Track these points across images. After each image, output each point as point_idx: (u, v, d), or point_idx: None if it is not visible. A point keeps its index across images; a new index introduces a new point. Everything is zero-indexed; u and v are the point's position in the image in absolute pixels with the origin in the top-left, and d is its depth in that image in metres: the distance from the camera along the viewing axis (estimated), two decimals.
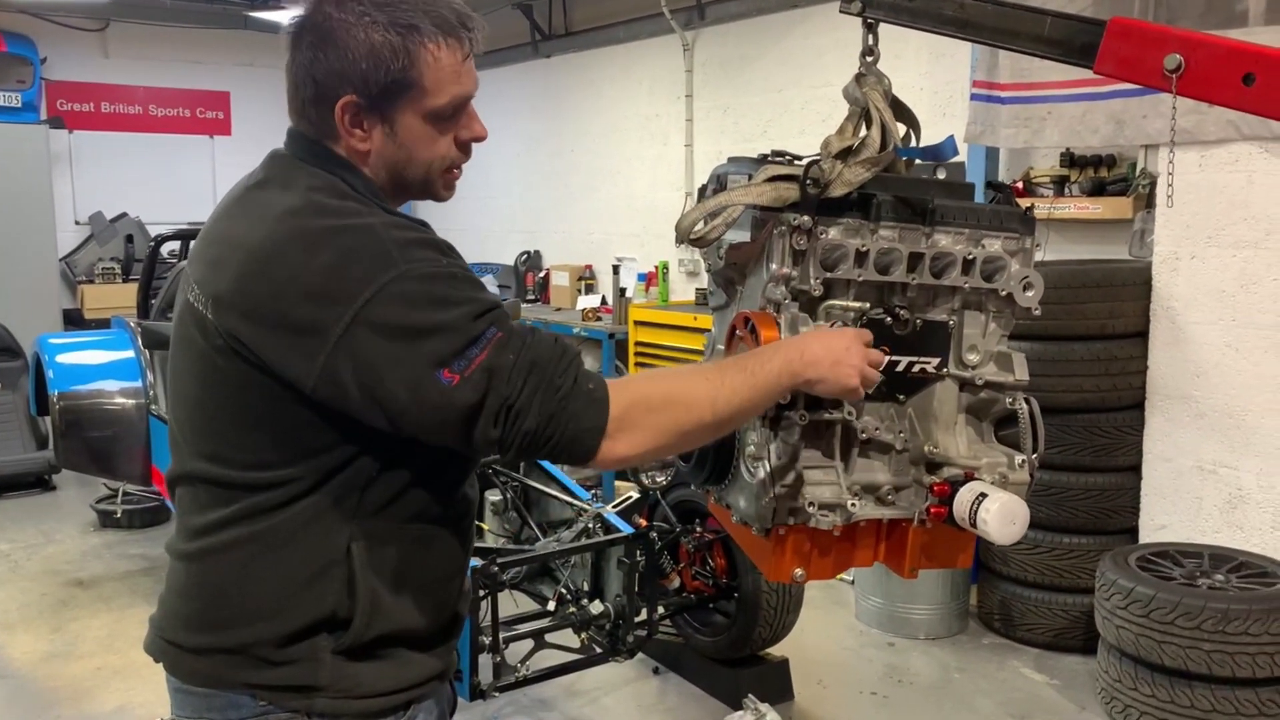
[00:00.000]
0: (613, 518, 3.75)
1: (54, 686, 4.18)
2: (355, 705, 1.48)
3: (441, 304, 1.35)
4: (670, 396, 1.43)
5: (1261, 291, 3.97)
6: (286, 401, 1.40)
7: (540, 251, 8.70)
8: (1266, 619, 3.38)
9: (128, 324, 5.48)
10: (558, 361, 1.37)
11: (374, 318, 1.32)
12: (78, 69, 9.12)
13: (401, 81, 1.44)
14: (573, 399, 1.36)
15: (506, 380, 1.33)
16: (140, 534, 6.02)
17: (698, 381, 1.45)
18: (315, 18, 1.45)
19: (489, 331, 1.35)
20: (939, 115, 5.29)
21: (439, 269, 1.38)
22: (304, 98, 1.48)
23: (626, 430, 1.38)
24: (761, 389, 1.48)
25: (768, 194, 1.66)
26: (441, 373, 1.32)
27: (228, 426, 1.47)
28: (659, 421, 1.41)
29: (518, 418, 1.34)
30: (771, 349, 1.54)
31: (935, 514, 1.70)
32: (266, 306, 1.37)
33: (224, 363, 1.42)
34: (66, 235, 8.90)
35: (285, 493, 1.44)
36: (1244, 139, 3.95)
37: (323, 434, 1.42)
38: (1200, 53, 1.61)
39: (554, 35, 8.18)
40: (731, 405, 1.45)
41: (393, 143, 1.48)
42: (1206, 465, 4.15)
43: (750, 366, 1.48)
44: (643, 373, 1.50)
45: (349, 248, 1.36)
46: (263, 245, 1.39)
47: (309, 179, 1.46)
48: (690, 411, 1.42)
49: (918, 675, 4.25)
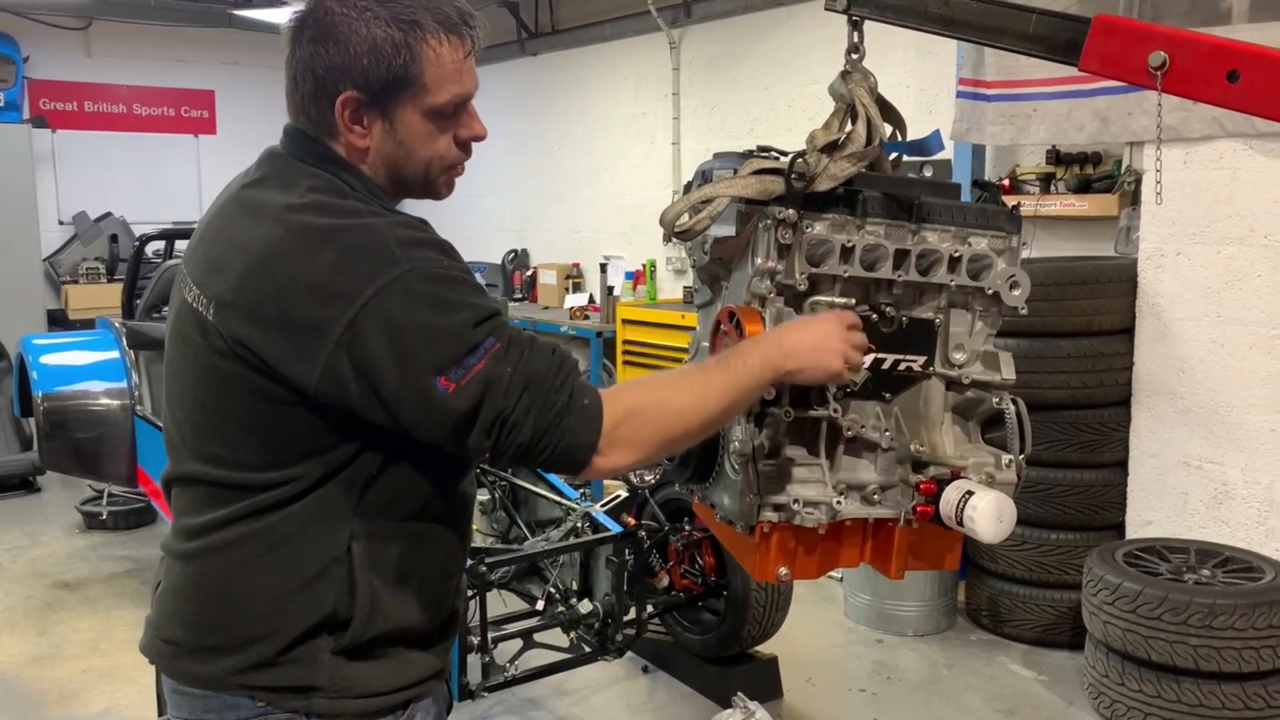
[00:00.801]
0: (601, 517, 3.75)
1: (40, 689, 4.15)
2: (354, 705, 1.48)
3: (443, 307, 1.34)
4: (660, 407, 1.44)
5: (1246, 288, 3.99)
6: (288, 405, 1.39)
7: (527, 250, 8.68)
8: (1252, 614, 3.39)
9: (112, 324, 5.45)
10: (555, 375, 1.38)
11: (375, 316, 1.32)
12: (61, 68, 9.06)
13: (403, 77, 1.43)
14: (568, 415, 1.37)
15: (503, 393, 1.34)
16: (126, 535, 5.98)
17: (684, 387, 1.46)
18: (317, 12, 1.44)
19: (488, 341, 1.35)
20: (925, 113, 5.30)
21: (441, 270, 1.38)
22: (303, 93, 1.47)
23: (618, 444, 1.40)
24: (744, 387, 1.49)
25: (753, 186, 1.66)
26: (438, 380, 1.32)
27: (229, 428, 1.46)
28: (649, 434, 1.42)
29: (512, 431, 1.35)
30: (750, 344, 1.54)
31: (922, 513, 1.70)
32: (269, 306, 1.36)
33: (225, 365, 1.41)
34: (50, 235, 8.84)
35: (285, 492, 1.43)
36: (1228, 136, 3.97)
37: (324, 435, 1.41)
38: (1185, 50, 1.61)
39: (541, 33, 8.17)
40: (719, 407, 1.46)
41: (392, 140, 1.47)
42: (1192, 461, 4.17)
43: (732, 365, 1.49)
44: (632, 382, 1.50)
45: (352, 246, 1.35)
46: (265, 244, 1.39)
47: (309, 178, 1.45)
48: (680, 419, 1.44)
49: (906, 672, 4.25)
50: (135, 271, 5.96)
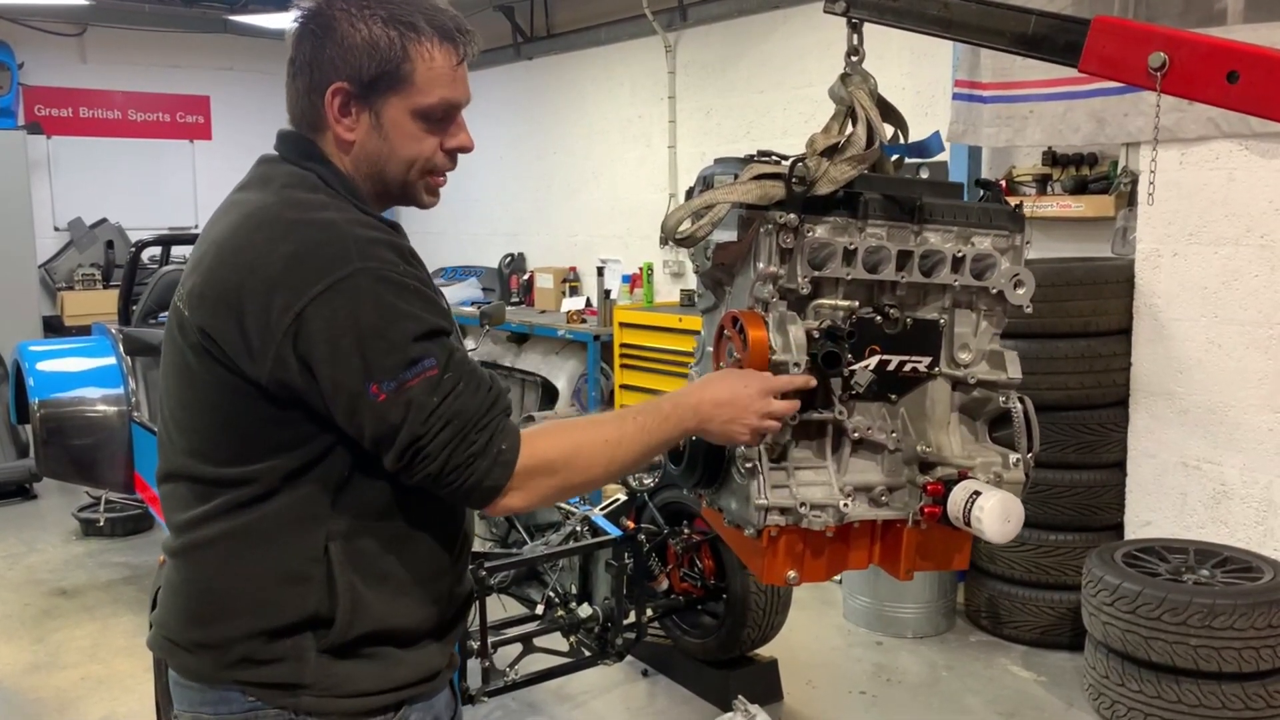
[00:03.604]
0: (600, 520, 3.75)
1: (38, 698, 4.14)
2: (342, 704, 1.49)
3: (388, 312, 1.38)
4: (570, 462, 1.49)
5: (1242, 288, 4.00)
6: (250, 398, 1.42)
7: (524, 254, 8.67)
8: (1252, 613, 3.40)
9: (109, 331, 5.44)
10: (481, 416, 1.42)
11: (321, 311, 1.36)
12: (56, 74, 9.04)
13: (394, 74, 1.48)
14: (482, 458, 1.41)
15: (423, 421, 1.38)
16: (123, 542, 5.97)
17: (598, 441, 1.51)
18: (320, 8, 1.50)
19: (425, 361, 1.39)
20: (922, 115, 5.30)
21: (394, 275, 1.40)
22: (299, 87, 1.52)
23: (521, 489, 1.45)
24: (653, 445, 1.56)
25: (753, 192, 1.66)
26: (370, 386, 1.37)
27: (202, 422, 1.49)
28: (553, 483, 1.48)
29: (425, 460, 1.40)
30: (671, 401, 1.59)
31: (929, 514, 1.70)
32: (230, 297, 1.40)
33: (195, 360, 1.46)
34: (46, 242, 8.81)
35: (258, 489, 1.46)
36: (1224, 136, 3.98)
37: (287, 429, 1.44)
38: (1184, 51, 1.61)
39: (536, 37, 8.17)
40: (624, 462, 1.53)
41: (377, 134, 1.51)
42: (1190, 461, 4.17)
43: (646, 423, 1.54)
44: (550, 427, 1.54)
45: (309, 241, 1.39)
46: (233, 237, 1.44)
47: (285, 176, 1.50)
48: (586, 473, 1.51)
49: (906, 674, 4.25)
50: (131, 277, 5.94)
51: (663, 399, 1.61)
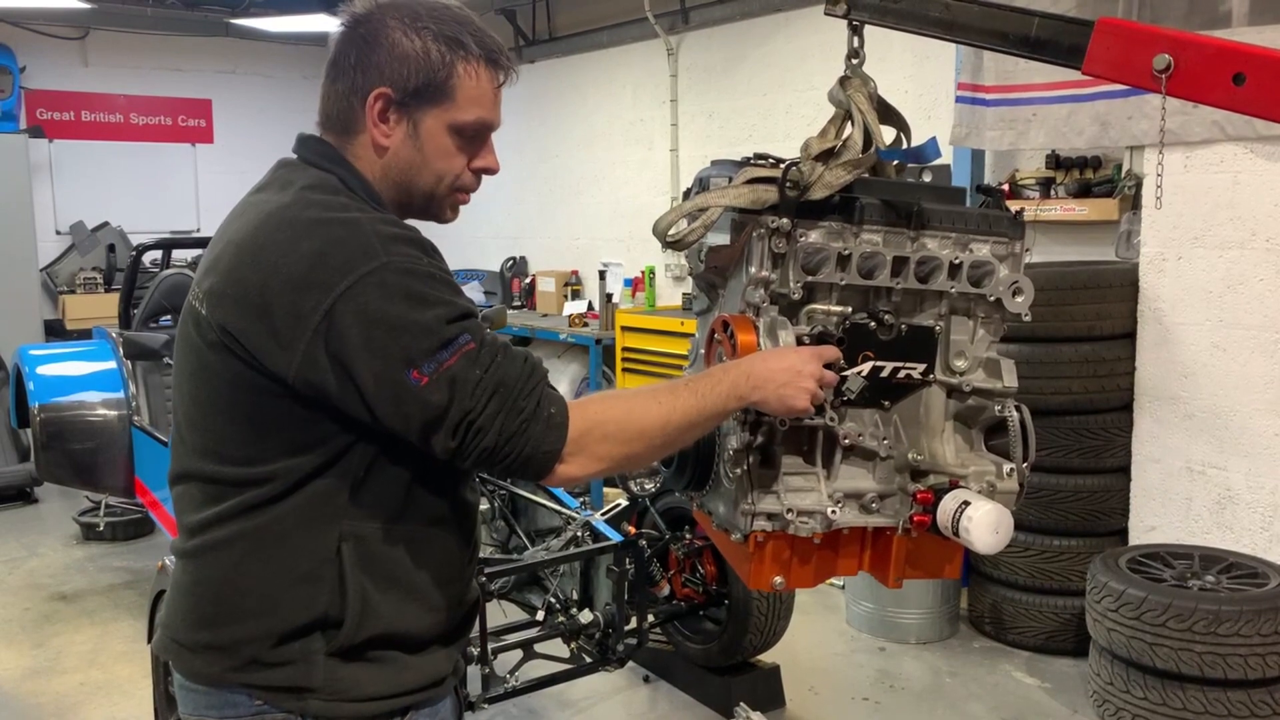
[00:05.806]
0: (601, 525, 3.73)
1: (38, 703, 4.13)
2: (349, 708, 1.49)
3: (418, 301, 1.38)
4: (624, 422, 1.46)
5: (1248, 292, 3.97)
6: (272, 396, 1.42)
7: (526, 257, 8.66)
8: (1258, 620, 3.37)
9: (109, 335, 5.43)
10: (524, 383, 1.41)
11: (351, 306, 1.36)
12: (57, 78, 9.04)
13: (439, 87, 1.51)
14: (534, 422, 1.40)
15: (470, 394, 1.37)
16: (124, 546, 5.96)
17: (650, 405, 1.48)
18: (371, 16, 1.52)
19: (461, 338, 1.38)
20: (924, 118, 5.28)
21: (420, 266, 1.41)
22: (339, 89, 1.53)
23: (579, 454, 1.43)
24: (708, 411, 1.52)
25: (746, 196, 1.65)
26: (410, 372, 1.36)
27: (218, 421, 1.49)
28: (610, 449, 1.46)
29: (478, 434, 1.38)
30: (722, 370, 1.56)
31: (919, 522, 1.68)
32: (253, 295, 1.40)
33: (214, 358, 1.46)
34: (47, 245, 8.81)
35: (273, 489, 1.46)
36: (1229, 139, 3.95)
37: (307, 429, 1.44)
38: (1190, 53, 1.60)
39: (538, 40, 8.16)
40: (681, 428, 1.50)
41: (412, 144, 1.53)
42: (1195, 466, 4.14)
43: (700, 388, 1.51)
44: (600, 395, 1.53)
45: (332, 238, 1.39)
46: (254, 237, 1.44)
47: (305, 178, 1.51)
48: (642, 436, 1.47)
49: (909, 680, 4.23)
50: (132, 281, 5.94)
51: (714, 368, 1.59)
